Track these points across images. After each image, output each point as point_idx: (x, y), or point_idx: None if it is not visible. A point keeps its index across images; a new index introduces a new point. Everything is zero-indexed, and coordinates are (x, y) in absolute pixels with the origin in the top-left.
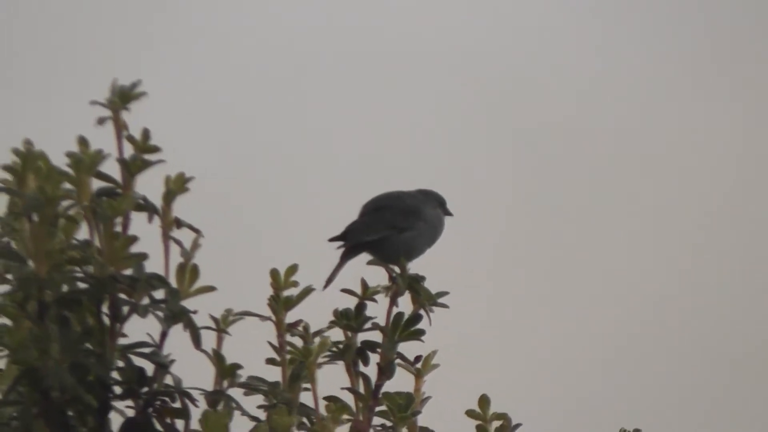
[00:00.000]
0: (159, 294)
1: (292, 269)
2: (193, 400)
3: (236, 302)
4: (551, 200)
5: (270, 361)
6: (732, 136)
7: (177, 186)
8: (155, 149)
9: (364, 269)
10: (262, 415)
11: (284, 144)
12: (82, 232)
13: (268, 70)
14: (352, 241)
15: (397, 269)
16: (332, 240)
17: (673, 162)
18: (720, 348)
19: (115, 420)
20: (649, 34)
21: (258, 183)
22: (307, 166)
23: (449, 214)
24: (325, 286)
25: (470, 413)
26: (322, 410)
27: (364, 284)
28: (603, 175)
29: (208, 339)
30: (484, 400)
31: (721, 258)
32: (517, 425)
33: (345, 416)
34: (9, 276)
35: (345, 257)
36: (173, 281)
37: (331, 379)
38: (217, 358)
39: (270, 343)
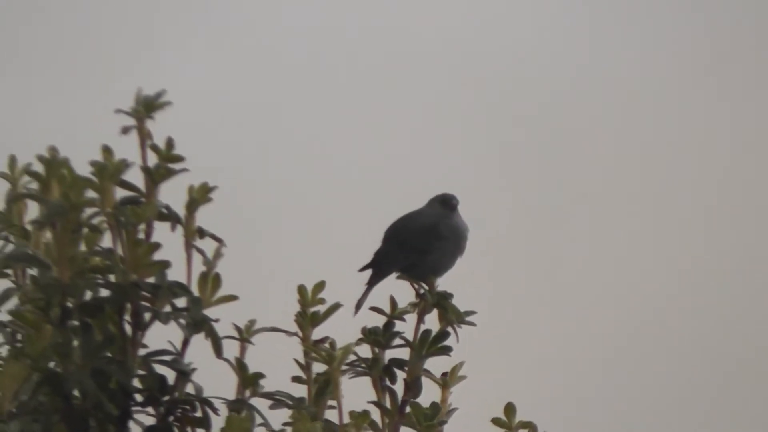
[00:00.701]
0: (181, 302)
1: (320, 286)
2: (214, 409)
3: (259, 313)
4: (552, 200)
5: (296, 379)
6: (732, 135)
7: (200, 195)
8: (179, 158)
9: (391, 286)
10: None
11: (318, 150)
12: (105, 241)
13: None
14: (381, 272)
15: (425, 285)
16: (362, 270)
17: (673, 162)
18: (720, 348)
19: (135, 428)
20: (650, 33)
21: (281, 191)
22: (334, 175)
23: (452, 207)
24: (356, 312)
25: (496, 421)
26: (347, 419)
27: (393, 302)
28: (603, 176)
29: (231, 349)
30: (509, 409)
31: (722, 258)
32: None
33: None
34: (29, 282)
35: (373, 283)
36: (195, 290)
37: (358, 395)
38: (240, 366)
39: (296, 360)
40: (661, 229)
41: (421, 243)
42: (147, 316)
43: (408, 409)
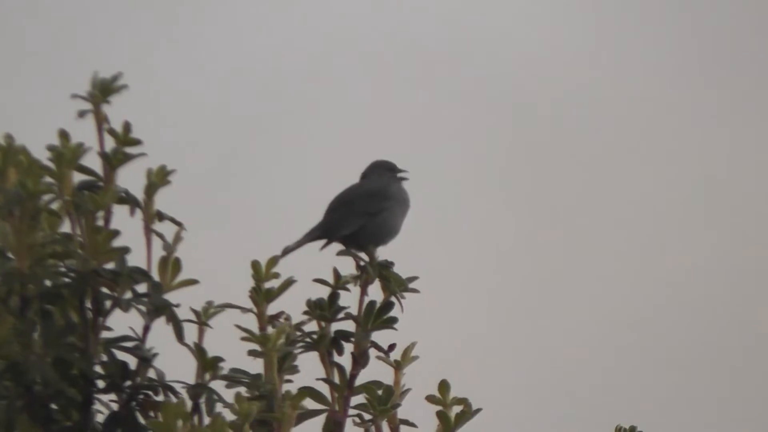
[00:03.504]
0: (142, 288)
1: (273, 261)
2: (176, 393)
3: (218, 295)
4: (552, 200)
5: (252, 353)
6: (733, 133)
7: (158, 179)
8: (136, 142)
9: (336, 259)
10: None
11: (267, 127)
12: (64, 226)
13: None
14: (333, 238)
15: (365, 257)
16: (320, 245)
17: (674, 163)
18: (721, 348)
19: (99, 414)
20: (650, 32)
21: (240, 170)
22: (292, 157)
23: (404, 178)
24: (282, 255)
25: (431, 398)
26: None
27: (336, 274)
28: (604, 177)
29: (190, 332)
30: (443, 386)
31: (723, 258)
32: (478, 410)
33: (321, 406)
34: None
35: (309, 237)
36: (156, 275)
37: (313, 370)
38: (199, 351)
39: (250, 333)
40: (663, 228)
41: (371, 205)
42: (108, 302)
43: (357, 383)
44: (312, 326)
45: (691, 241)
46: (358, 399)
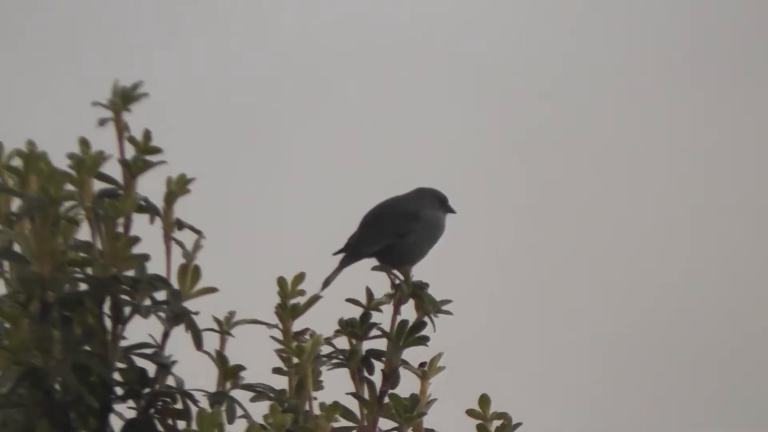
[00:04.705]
0: (161, 295)
1: (299, 277)
2: (195, 401)
3: (237, 304)
4: (553, 200)
5: (277, 371)
6: (734, 132)
7: (178, 187)
8: (156, 150)
9: (368, 277)
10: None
11: (292, 144)
12: (84, 233)
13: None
14: (354, 254)
15: (400, 276)
16: (336, 254)
17: (674, 163)
18: (721, 348)
19: (117, 421)
20: (649, 32)
21: (263, 184)
22: (311, 168)
23: (451, 211)
24: (323, 288)
25: (471, 413)
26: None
27: (369, 294)
28: (603, 177)
29: (211, 341)
30: (484, 400)
31: (724, 258)
32: (518, 424)
33: (350, 423)
34: (8, 276)
35: (344, 264)
36: (175, 282)
37: (338, 387)
38: (220, 359)
39: (277, 352)
40: (664, 228)
41: (401, 227)
42: (127, 309)
43: (387, 400)
44: (342, 343)
45: (691, 241)
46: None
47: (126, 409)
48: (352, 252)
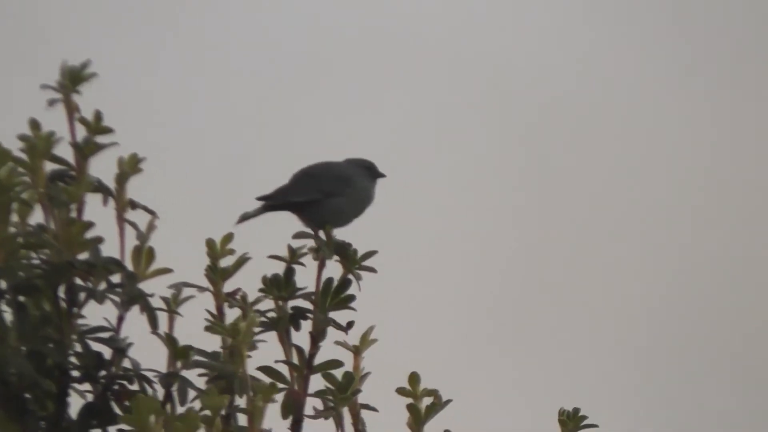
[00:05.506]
0: (116, 278)
1: (228, 237)
2: (150, 383)
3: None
4: (553, 200)
5: (209, 330)
6: (734, 132)
7: (130, 167)
8: (108, 130)
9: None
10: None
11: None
12: (36, 217)
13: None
14: (279, 200)
15: (323, 236)
16: (260, 199)
17: (674, 163)
18: (721, 349)
19: (74, 404)
20: (650, 32)
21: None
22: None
23: (381, 175)
24: (238, 222)
25: (401, 391)
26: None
27: (291, 250)
28: (603, 177)
29: (162, 321)
30: (414, 378)
31: (724, 258)
32: (448, 401)
33: (280, 385)
34: None
35: (266, 208)
36: (129, 264)
37: (266, 349)
38: (170, 340)
39: (209, 313)
40: (664, 228)
41: (332, 186)
42: (82, 294)
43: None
44: (268, 303)
45: (692, 241)
46: (317, 378)
47: (84, 393)
48: (277, 197)
